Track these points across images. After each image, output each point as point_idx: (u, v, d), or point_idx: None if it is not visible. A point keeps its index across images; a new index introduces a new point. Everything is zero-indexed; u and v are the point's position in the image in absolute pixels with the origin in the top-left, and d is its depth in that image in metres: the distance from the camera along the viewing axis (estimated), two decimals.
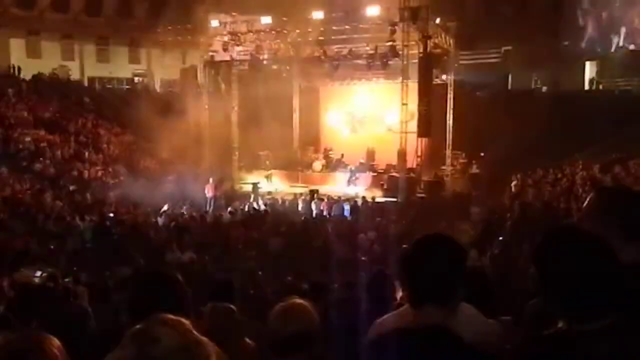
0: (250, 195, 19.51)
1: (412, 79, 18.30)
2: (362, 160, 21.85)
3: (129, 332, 1.26)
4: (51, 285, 6.84)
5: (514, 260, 9.03)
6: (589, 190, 13.63)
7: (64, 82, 27.61)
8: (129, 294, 2.17)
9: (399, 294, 4.16)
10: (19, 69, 26.76)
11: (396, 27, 17.85)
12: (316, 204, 17.49)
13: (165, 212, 15.94)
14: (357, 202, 17.17)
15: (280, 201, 18.52)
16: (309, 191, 18.88)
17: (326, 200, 17.79)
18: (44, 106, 23.06)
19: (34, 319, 4.69)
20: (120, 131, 23.84)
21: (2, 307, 5.56)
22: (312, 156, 23.18)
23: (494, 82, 24.69)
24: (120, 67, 31.64)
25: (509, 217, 13.93)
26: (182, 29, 22.36)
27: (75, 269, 9.64)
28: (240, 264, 10.32)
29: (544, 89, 25.57)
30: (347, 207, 16.80)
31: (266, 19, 20.99)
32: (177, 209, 16.70)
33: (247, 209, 17.61)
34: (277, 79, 22.97)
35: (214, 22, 21.61)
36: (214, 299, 3.35)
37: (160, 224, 14.97)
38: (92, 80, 30.18)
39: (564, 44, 25.04)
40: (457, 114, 20.33)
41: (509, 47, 26.19)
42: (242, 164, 22.66)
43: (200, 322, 2.04)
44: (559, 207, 13.72)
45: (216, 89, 23.85)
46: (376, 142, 22.37)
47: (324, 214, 16.75)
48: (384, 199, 18.01)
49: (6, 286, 7.49)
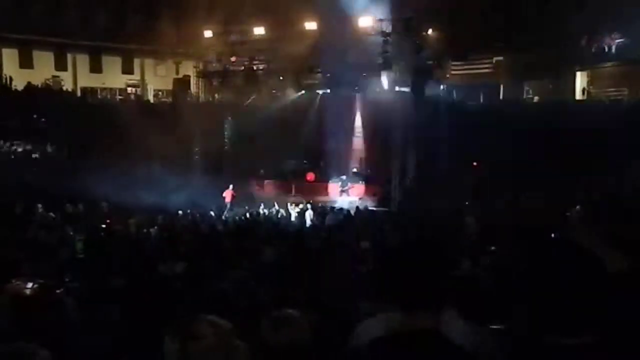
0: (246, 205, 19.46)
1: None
2: (355, 169, 21.90)
3: (173, 326, 1.30)
4: (42, 296, 6.77)
5: (506, 268, 9.04)
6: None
7: (56, 93, 27.53)
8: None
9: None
10: (11, 79, 26.64)
11: (389, 37, 18.01)
12: (309, 214, 17.49)
13: (160, 222, 15.89)
14: (350, 211, 17.18)
15: (274, 211, 18.50)
16: (303, 201, 18.87)
17: (319, 210, 17.76)
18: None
19: (25, 331, 4.64)
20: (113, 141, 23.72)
21: None
22: (306, 166, 23.19)
23: (486, 92, 24.88)
24: (113, 78, 31.57)
25: (502, 226, 13.94)
26: (175, 39, 22.41)
27: (67, 280, 9.56)
28: (233, 274, 10.26)
29: (536, 99, 25.75)
30: (341, 216, 16.81)
31: (259, 30, 21.12)
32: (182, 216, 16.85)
33: (242, 218, 17.59)
34: (270, 89, 23.03)
35: (208, 33, 21.70)
36: (207, 310, 3.34)
37: (152, 234, 14.88)
38: (84, 90, 30.09)
39: (556, 54, 25.17)
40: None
41: (501, 58, 26.39)
42: (235, 173, 22.66)
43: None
44: (551, 217, 13.75)
45: (210, 99, 23.89)
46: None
47: (317, 224, 16.73)
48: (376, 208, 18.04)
49: None
